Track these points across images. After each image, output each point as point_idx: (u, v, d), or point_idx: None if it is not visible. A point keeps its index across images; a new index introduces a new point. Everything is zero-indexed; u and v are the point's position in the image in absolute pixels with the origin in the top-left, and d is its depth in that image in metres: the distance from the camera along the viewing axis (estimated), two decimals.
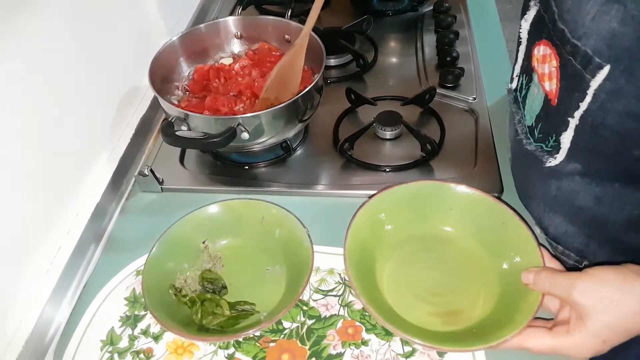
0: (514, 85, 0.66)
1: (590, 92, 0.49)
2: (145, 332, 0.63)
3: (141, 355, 0.61)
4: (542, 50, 0.55)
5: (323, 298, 0.65)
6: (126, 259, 0.70)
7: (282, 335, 0.61)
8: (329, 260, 0.68)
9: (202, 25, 0.87)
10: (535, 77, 0.58)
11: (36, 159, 0.66)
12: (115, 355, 0.61)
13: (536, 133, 0.60)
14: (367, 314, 0.63)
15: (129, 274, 0.69)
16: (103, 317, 0.64)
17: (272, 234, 0.68)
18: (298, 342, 0.61)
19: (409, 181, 0.75)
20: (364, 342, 0.60)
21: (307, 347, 0.60)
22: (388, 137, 0.83)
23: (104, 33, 0.80)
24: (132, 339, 0.62)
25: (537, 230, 0.69)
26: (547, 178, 0.61)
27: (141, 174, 0.77)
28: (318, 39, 0.80)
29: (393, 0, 1.14)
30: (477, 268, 0.64)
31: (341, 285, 0.66)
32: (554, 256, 0.60)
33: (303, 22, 0.79)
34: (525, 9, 0.59)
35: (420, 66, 0.97)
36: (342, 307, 0.64)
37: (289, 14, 0.96)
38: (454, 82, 0.91)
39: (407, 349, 0.59)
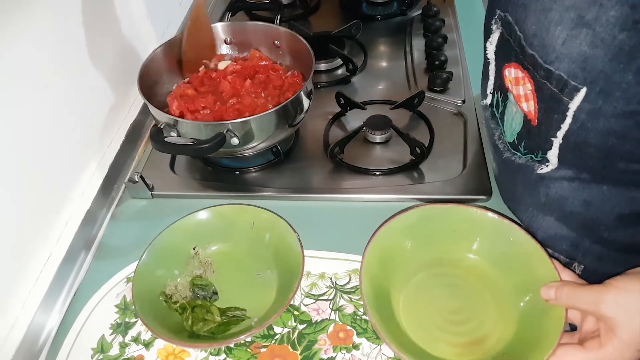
0: (488, 101, 0.66)
1: (570, 114, 0.49)
2: (136, 340, 0.63)
3: None
4: (513, 72, 0.55)
5: (314, 302, 0.65)
6: (116, 266, 0.70)
7: (274, 341, 0.61)
8: (319, 265, 0.68)
9: None
10: (511, 97, 0.58)
11: (25, 165, 0.65)
12: None
13: (521, 149, 0.60)
14: (358, 318, 0.63)
15: (119, 281, 0.68)
16: (94, 325, 0.64)
17: (262, 239, 0.69)
18: (289, 347, 0.61)
19: (400, 185, 0.76)
20: (355, 346, 0.60)
21: (298, 352, 0.60)
22: (378, 141, 0.83)
23: (94, 39, 0.80)
24: (123, 346, 0.62)
25: None
26: (535, 186, 0.62)
27: (131, 180, 0.77)
28: (307, 44, 0.81)
29: (382, 4, 1.15)
30: (491, 288, 0.62)
31: (332, 289, 0.66)
32: (565, 265, 0.60)
33: (293, 27, 0.80)
34: (487, 32, 0.59)
35: (409, 70, 0.98)
36: (333, 312, 0.64)
37: (278, 19, 0.96)
38: (443, 85, 0.92)
39: None
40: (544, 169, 0.58)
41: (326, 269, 0.68)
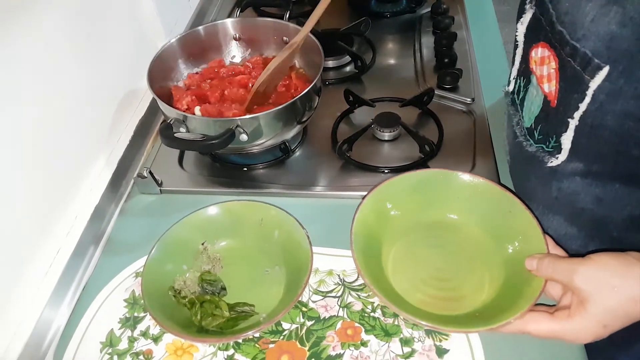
0: (511, 87, 0.67)
1: (589, 93, 0.49)
2: (144, 334, 0.63)
3: (140, 357, 0.61)
4: (540, 52, 0.56)
5: (322, 299, 0.65)
6: (125, 261, 0.70)
7: (282, 337, 0.61)
8: (328, 262, 0.68)
9: (200, 28, 0.87)
10: (533, 79, 0.58)
11: (35, 161, 0.66)
12: (115, 357, 0.61)
13: (536, 135, 0.60)
14: (366, 315, 0.63)
15: (128, 276, 0.69)
16: (102, 319, 0.65)
17: (271, 236, 0.69)
18: (297, 343, 0.61)
19: None
20: (364, 343, 0.60)
21: (306, 348, 0.60)
22: (386, 139, 0.83)
23: (103, 36, 0.80)
24: (132, 340, 0.62)
25: None
26: (548, 180, 0.62)
27: (140, 175, 0.77)
28: (316, 41, 0.81)
29: (391, 1, 1.14)
30: (481, 254, 0.64)
31: (340, 286, 0.66)
32: (558, 244, 0.60)
33: (301, 24, 0.80)
34: (520, 12, 0.60)
35: (418, 67, 0.97)
36: (341, 309, 0.64)
37: (287, 16, 0.96)
38: (452, 83, 0.91)
39: (407, 349, 0.60)
40: (554, 162, 0.58)
41: (334, 266, 0.68)
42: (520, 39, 0.60)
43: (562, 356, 0.58)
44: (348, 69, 1.00)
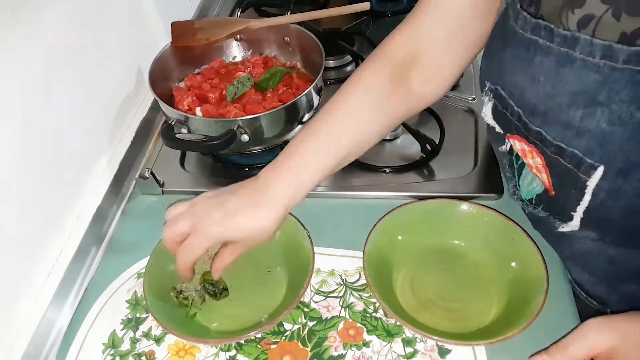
0: (507, 147, 0.58)
1: (588, 191, 0.48)
2: (146, 335, 0.63)
3: (143, 358, 0.61)
4: (518, 144, 0.53)
5: (324, 300, 0.65)
6: (127, 262, 0.70)
7: (284, 337, 0.61)
8: (329, 262, 0.68)
9: None
10: (525, 165, 0.56)
11: (37, 162, 0.66)
12: (117, 358, 0.61)
13: (539, 208, 0.58)
14: (368, 315, 0.63)
15: (130, 277, 0.69)
16: (104, 320, 0.65)
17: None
18: (299, 343, 0.61)
19: (410, 183, 0.76)
20: (366, 344, 0.60)
21: (308, 349, 0.60)
22: (387, 138, 0.83)
23: (104, 36, 0.80)
24: (134, 341, 0.62)
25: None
26: (559, 240, 0.61)
27: (142, 176, 0.77)
28: (317, 41, 0.81)
29: (392, 1, 1.14)
30: (486, 278, 0.66)
31: (342, 286, 0.66)
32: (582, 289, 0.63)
33: (302, 24, 0.80)
34: (482, 102, 0.57)
35: None
36: (343, 309, 0.64)
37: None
38: None
39: (409, 349, 0.60)
40: (565, 228, 0.56)
41: (336, 266, 0.68)
42: (492, 122, 0.56)
43: None
44: (349, 68, 1.00)
